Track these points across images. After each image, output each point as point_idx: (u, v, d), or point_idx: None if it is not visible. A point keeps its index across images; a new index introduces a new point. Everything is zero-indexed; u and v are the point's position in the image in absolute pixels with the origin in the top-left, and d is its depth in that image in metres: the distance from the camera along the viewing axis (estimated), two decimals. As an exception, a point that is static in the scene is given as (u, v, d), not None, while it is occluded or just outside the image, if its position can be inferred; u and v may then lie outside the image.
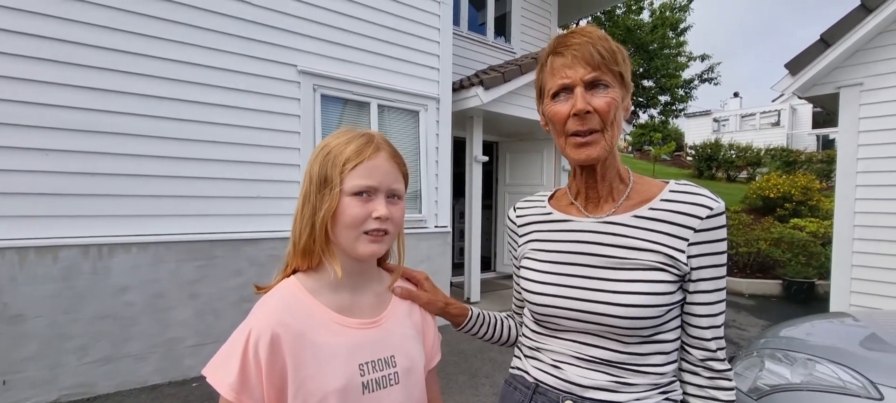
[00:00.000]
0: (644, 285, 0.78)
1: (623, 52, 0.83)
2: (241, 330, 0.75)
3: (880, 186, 4.06)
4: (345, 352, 0.78)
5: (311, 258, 0.81)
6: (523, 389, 0.92)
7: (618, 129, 0.82)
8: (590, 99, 0.79)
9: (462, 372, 3.70)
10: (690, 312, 0.82)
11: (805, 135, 23.10)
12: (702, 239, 0.79)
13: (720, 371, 0.82)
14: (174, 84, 3.37)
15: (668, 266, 0.78)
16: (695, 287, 0.81)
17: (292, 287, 0.81)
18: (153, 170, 3.30)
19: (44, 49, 2.91)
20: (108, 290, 3.14)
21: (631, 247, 0.81)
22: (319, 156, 0.80)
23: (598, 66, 0.78)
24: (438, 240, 4.97)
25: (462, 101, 5.29)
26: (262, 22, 3.77)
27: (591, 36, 0.80)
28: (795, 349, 1.99)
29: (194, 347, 3.45)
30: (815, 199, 9.40)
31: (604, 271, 0.82)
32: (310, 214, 0.79)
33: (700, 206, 0.79)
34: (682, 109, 16.19)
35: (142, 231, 3.26)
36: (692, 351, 0.83)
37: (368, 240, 0.79)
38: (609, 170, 0.86)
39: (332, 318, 0.80)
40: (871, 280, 4.10)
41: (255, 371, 0.72)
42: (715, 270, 0.80)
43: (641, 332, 0.80)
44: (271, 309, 0.77)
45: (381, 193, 0.80)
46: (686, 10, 14.94)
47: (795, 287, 6.38)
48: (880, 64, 4.06)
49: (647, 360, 0.81)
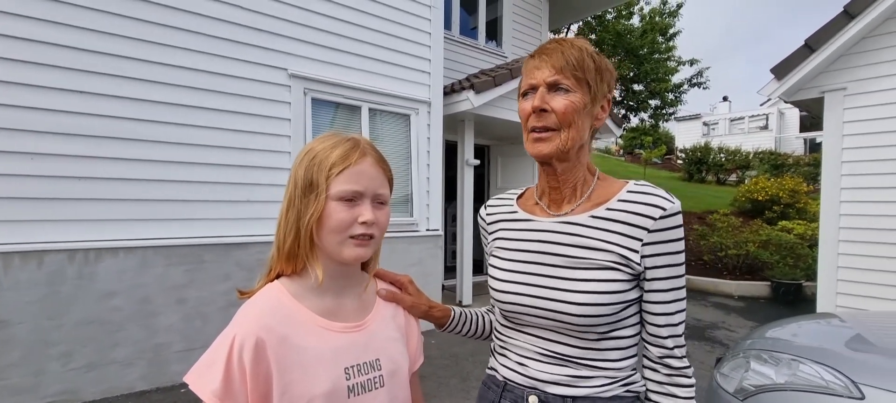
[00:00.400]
0: (598, 284, 0.81)
1: (601, 65, 0.86)
2: (225, 335, 0.74)
3: (864, 189, 4.13)
4: (330, 356, 0.78)
5: (295, 262, 0.81)
6: (494, 387, 0.95)
7: (577, 132, 0.84)
8: (549, 99, 0.84)
9: (454, 376, 3.70)
10: (647, 310, 0.85)
11: (793, 139, 23.46)
12: (656, 239, 0.81)
13: (678, 368, 0.84)
14: (162, 87, 3.35)
15: (621, 265, 0.81)
16: (650, 286, 0.83)
17: (276, 291, 0.80)
18: (141, 174, 3.27)
19: (28, 52, 2.88)
20: (94, 295, 3.10)
21: (587, 247, 0.84)
22: (304, 160, 0.79)
23: (561, 70, 0.83)
24: (430, 244, 4.97)
25: (453, 105, 5.31)
26: (251, 25, 3.75)
27: (566, 44, 0.85)
28: (781, 349, 2.01)
29: (182, 353, 3.41)
30: (802, 202, 9.54)
31: (561, 270, 0.85)
32: (294, 218, 0.79)
33: (654, 207, 0.81)
34: (672, 113, 16.35)
35: (129, 235, 3.23)
36: (650, 349, 0.86)
37: (354, 245, 0.79)
38: (570, 172, 0.89)
39: (316, 322, 0.80)
40: (856, 281, 4.16)
41: (239, 377, 0.71)
42: (670, 270, 0.82)
43: (597, 329, 0.82)
44: (256, 313, 0.76)
45: (367, 198, 0.80)
46: (675, 16, 15.11)
47: (783, 288, 6.45)
48: (863, 69, 4.14)
49: (605, 356, 0.85)
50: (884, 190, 4.02)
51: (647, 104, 15.38)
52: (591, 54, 0.85)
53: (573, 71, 0.83)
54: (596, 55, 0.86)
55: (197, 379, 0.72)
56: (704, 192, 13.93)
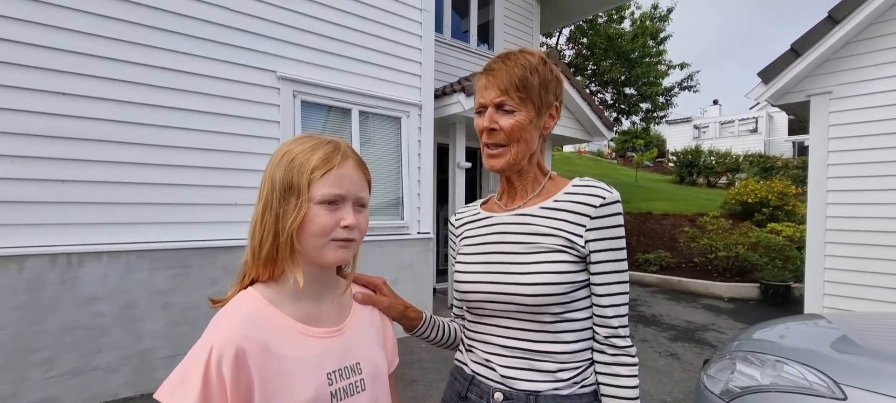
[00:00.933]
0: (547, 265, 0.88)
1: (546, 78, 0.93)
2: (201, 347, 0.71)
3: (849, 191, 4.18)
4: (312, 363, 0.77)
5: (273, 267, 0.79)
6: (462, 379, 1.01)
7: (526, 145, 0.93)
8: (498, 118, 0.92)
9: (444, 379, 3.67)
10: (593, 292, 0.91)
11: (781, 142, 23.73)
12: (597, 225, 0.88)
13: (622, 347, 0.90)
14: (148, 89, 3.32)
15: (567, 248, 0.89)
16: (594, 268, 0.90)
17: (253, 298, 0.78)
18: (125, 178, 3.23)
19: (7, 53, 2.83)
20: (77, 301, 3.05)
21: (536, 233, 0.92)
22: (282, 162, 0.78)
23: (506, 91, 0.90)
24: (421, 247, 4.95)
25: (444, 108, 5.31)
26: (239, 27, 3.73)
27: (510, 63, 0.91)
28: (766, 351, 2.02)
29: (167, 358, 3.36)
30: (790, 204, 9.63)
31: (514, 256, 0.92)
32: (272, 222, 0.77)
33: (595, 197, 0.89)
34: (663, 116, 16.47)
35: (113, 239, 3.18)
36: (598, 330, 0.92)
37: (336, 247, 0.78)
38: (525, 176, 0.99)
39: (296, 329, 0.78)
40: (843, 282, 4.20)
41: (218, 390, 0.68)
42: (612, 253, 0.89)
43: (550, 309, 0.88)
44: (234, 322, 0.74)
45: (348, 202, 0.79)
46: (666, 20, 15.25)
47: (772, 290, 6.50)
48: (848, 73, 4.19)
49: (560, 339, 0.90)
50: (869, 192, 4.07)
51: (639, 107, 15.48)
52: (535, 69, 0.91)
53: (517, 92, 0.90)
54: (541, 67, 0.92)
55: (169, 396, 0.68)
56: (695, 195, 14.04)
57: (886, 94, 4.00)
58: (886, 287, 3.98)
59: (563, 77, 0.98)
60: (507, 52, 0.94)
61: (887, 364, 1.72)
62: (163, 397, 0.69)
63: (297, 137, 0.82)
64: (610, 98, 15.41)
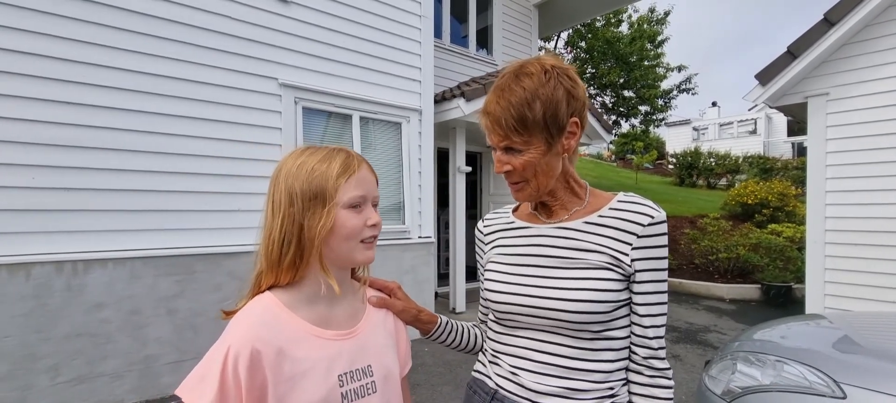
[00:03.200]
0: (592, 282, 0.85)
1: (550, 99, 0.83)
2: (218, 347, 0.74)
3: (848, 192, 4.20)
4: (324, 365, 0.79)
5: (295, 272, 0.82)
6: (483, 394, 0.97)
7: (545, 176, 0.89)
8: (508, 159, 0.89)
9: (447, 383, 3.69)
10: (634, 312, 0.88)
11: (781, 143, 23.77)
12: (644, 244, 0.86)
13: (660, 369, 0.88)
14: (150, 97, 3.35)
15: (613, 266, 0.86)
16: (637, 288, 0.87)
17: (269, 302, 0.81)
18: (130, 185, 3.26)
19: (16, 63, 2.87)
20: (83, 307, 3.07)
21: (581, 249, 0.88)
22: (301, 173, 0.80)
23: (507, 136, 0.86)
24: (422, 251, 4.98)
25: (444, 113, 5.34)
26: (241, 35, 3.77)
27: (504, 102, 0.85)
28: (767, 351, 2.04)
29: (173, 364, 3.38)
30: (791, 205, 9.66)
31: (557, 270, 0.89)
32: (295, 231, 0.79)
33: (643, 215, 0.86)
34: (662, 119, 16.53)
35: (118, 246, 3.21)
36: (637, 350, 0.89)
37: (364, 248, 0.84)
38: (559, 193, 0.94)
39: (310, 332, 0.81)
40: (843, 282, 4.22)
41: (234, 390, 0.71)
42: (656, 273, 0.87)
43: (591, 327, 0.85)
44: (250, 325, 0.77)
45: (368, 202, 0.85)
46: (663, 23, 15.34)
47: (774, 291, 6.52)
48: (844, 74, 4.23)
49: (598, 356, 0.87)
50: (867, 192, 4.10)
51: (638, 110, 15.55)
52: (536, 96, 0.83)
53: (518, 135, 0.85)
54: (543, 89, 0.83)
55: (189, 393, 0.72)
56: (695, 196, 14.06)
57: (883, 95, 4.03)
58: (887, 286, 4.00)
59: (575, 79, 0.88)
60: (503, 81, 0.87)
61: (886, 362, 1.74)
62: (183, 393, 0.73)
63: (300, 150, 0.86)
64: (609, 101, 15.47)
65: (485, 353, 1.03)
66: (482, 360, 1.04)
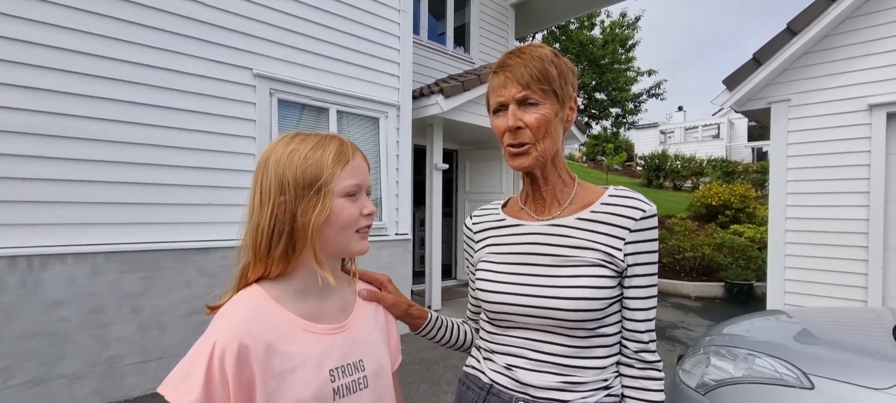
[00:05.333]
0: (587, 279, 0.85)
1: (562, 69, 0.89)
2: (204, 342, 0.70)
3: (807, 194, 4.42)
4: (315, 360, 0.77)
5: (286, 264, 0.79)
6: (477, 389, 0.96)
7: (552, 140, 0.89)
8: (521, 115, 0.87)
9: (424, 381, 3.68)
10: (627, 306, 0.89)
11: (742, 147, 24.84)
12: (636, 239, 0.86)
13: (651, 362, 0.89)
14: (114, 83, 3.18)
15: (607, 262, 0.86)
16: (630, 282, 0.88)
17: (257, 295, 0.78)
18: (90, 176, 3.09)
19: (-33, 43, 2.67)
20: (39, 305, 2.89)
21: (575, 246, 0.88)
22: (293, 161, 0.77)
23: (528, 85, 0.85)
24: (399, 248, 4.94)
25: (422, 109, 5.31)
26: (214, 23, 3.63)
27: (526, 56, 0.87)
28: (738, 345, 2.11)
29: (137, 364, 3.23)
30: (751, 207, 10.10)
31: (551, 268, 0.88)
32: (288, 220, 0.76)
33: (634, 209, 0.87)
34: (632, 122, 16.99)
35: (78, 240, 3.04)
36: (628, 344, 0.90)
37: (359, 237, 0.82)
38: (551, 176, 0.94)
39: (300, 325, 0.78)
40: (802, 280, 4.44)
41: (220, 386, 0.68)
42: (647, 267, 0.88)
43: (586, 324, 0.86)
44: (237, 319, 0.73)
45: (363, 191, 0.83)
46: (634, 27, 15.75)
47: (736, 288, 6.80)
48: (805, 81, 4.44)
49: (592, 353, 0.88)
50: (825, 194, 4.32)
51: (609, 112, 15.92)
52: (552, 61, 0.87)
53: (539, 84, 0.85)
54: (555, 58, 0.89)
55: (173, 391, 0.68)
56: (663, 198, 14.52)
57: (840, 103, 4.25)
58: (842, 284, 4.23)
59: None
60: (517, 48, 0.90)
61: (849, 354, 1.83)
62: (166, 392, 0.69)
63: (290, 136, 0.82)
64: (581, 103, 15.77)
65: (478, 351, 1.02)
66: (475, 356, 1.03)
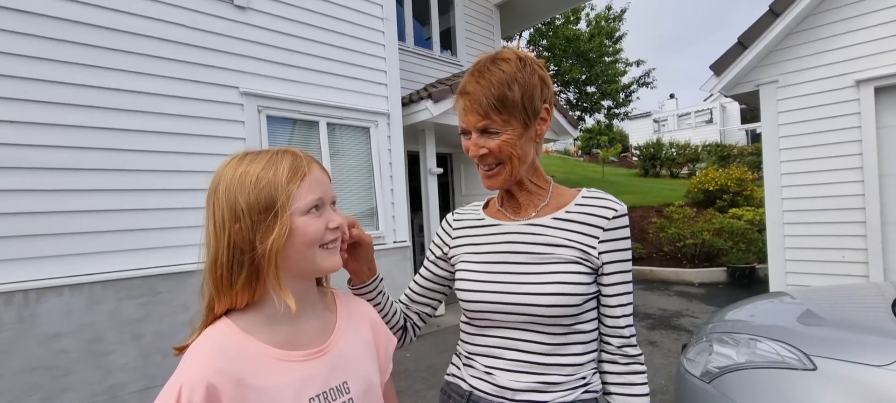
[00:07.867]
0: (563, 276, 0.87)
1: (527, 83, 0.86)
2: (170, 386, 0.66)
3: (800, 173, 4.43)
4: (292, 391, 0.72)
5: (252, 292, 0.75)
6: (457, 397, 0.97)
7: (520, 159, 0.90)
8: (484, 143, 0.88)
9: (431, 388, 3.65)
10: (605, 303, 0.92)
11: (736, 131, 24.88)
12: (610, 237, 0.89)
13: (634, 356, 0.91)
14: (103, 112, 3.18)
15: (582, 259, 0.88)
16: (606, 279, 0.90)
17: (224, 329, 0.73)
18: (83, 205, 3.08)
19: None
20: (38, 339, 2.87)
21: (551, 244, 0.91)
22: (245, 185, 0.73)
23: (487, 115, 0.85)
24: (398, 256, 4.92)
25: (413, 115, 5.31)
26: (198, 44, 3.63)
27: (485, 82, 0.85)
28: (740, 330, 2.10)
29: (141, 392, 3.21)
30: (748, 189, 10.10)
31: (528, 266, 0.90)
32: (247, 247, 0.72)
33: (607, 209, 0.90)
34: (625, 113, 17.00)
35: (74, 271, 3.02)
36: (610, 340, 0.92)
37: (328, 254, 0.78)
38: (526, 184, 0.96)
39: (273, 356, 0.73)
40: (803, 260, 4.44)
41: None
42: (622, 264, 0.90)
43: (563, 321, 0.87)
44: (204, 356, 0.69)
45: (326, 203, 0.78)
46: (620, 19, 15.79)
47: (739, 272, 6.79)
48: (791, 62, 4.45)
49: (568, 350, 0.89)
50: (818, 173, 4.32)
51: (601, 105, 15.93)
52: (514, 79, 0.84)
53: (498, 113, 0.85)
54: (520, 72, 0.85)
55: None
56: (660, 186, 14.53)
57: (825, 81, 4.26)
58: (842, 261, 4.23)
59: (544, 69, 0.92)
60: (480, 65, 0.88)
61: (849, 333, 1.83)
62: None
63: (239, 157, 0.77)
64: (572, 97, 15.79)
65: (458, 356, 1.03)
66: (455, 363, 1.04)
